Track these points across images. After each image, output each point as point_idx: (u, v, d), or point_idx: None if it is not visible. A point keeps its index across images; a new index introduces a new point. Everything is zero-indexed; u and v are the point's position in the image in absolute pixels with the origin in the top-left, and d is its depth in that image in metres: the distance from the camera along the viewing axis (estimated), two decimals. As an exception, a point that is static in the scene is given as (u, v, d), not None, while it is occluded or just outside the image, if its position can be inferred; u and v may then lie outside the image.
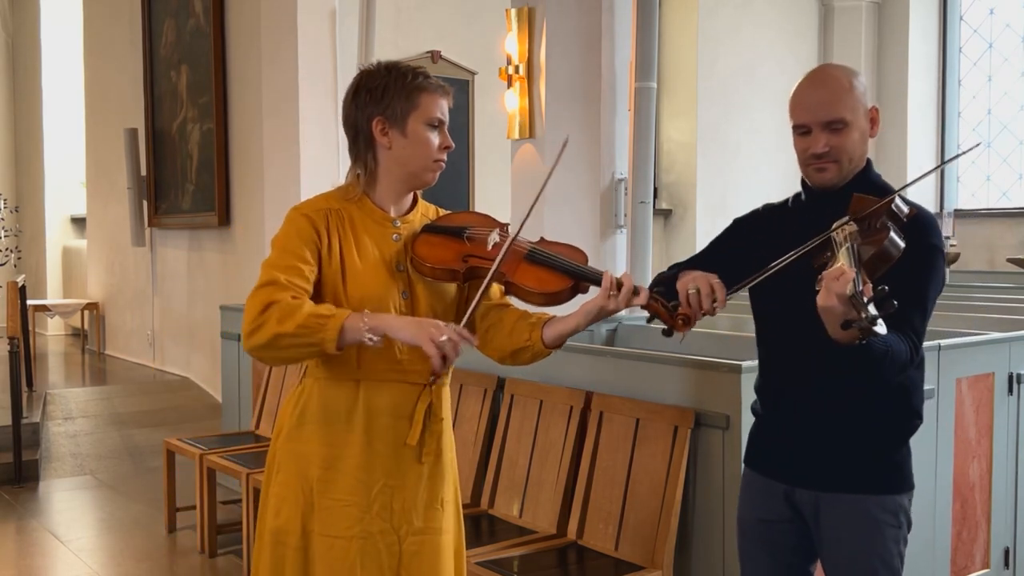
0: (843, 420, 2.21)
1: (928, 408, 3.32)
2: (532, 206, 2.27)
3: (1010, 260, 8.61)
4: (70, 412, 7.27)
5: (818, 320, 2.10)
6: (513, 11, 4.83)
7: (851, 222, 2.00)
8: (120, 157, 8.98)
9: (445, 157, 2.21)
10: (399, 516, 2.20)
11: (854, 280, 1.81)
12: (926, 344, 3.31)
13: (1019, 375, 3.70)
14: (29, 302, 9.26)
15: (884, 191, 2.16)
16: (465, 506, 3.73)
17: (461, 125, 8.72)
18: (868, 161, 2.29)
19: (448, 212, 2.34)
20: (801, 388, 2.26)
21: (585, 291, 2.19)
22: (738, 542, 2.46)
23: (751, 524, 2.40)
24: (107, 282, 10.22)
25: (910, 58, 10.69)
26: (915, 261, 2.07)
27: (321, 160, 6.82)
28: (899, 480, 2.25)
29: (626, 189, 4.71)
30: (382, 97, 2.16)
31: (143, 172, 8.84)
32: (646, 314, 2.25)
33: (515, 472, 3.66)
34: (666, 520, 3.09)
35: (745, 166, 10.11)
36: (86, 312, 10.44)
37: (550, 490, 3.50)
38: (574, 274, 2.16)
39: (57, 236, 12.19)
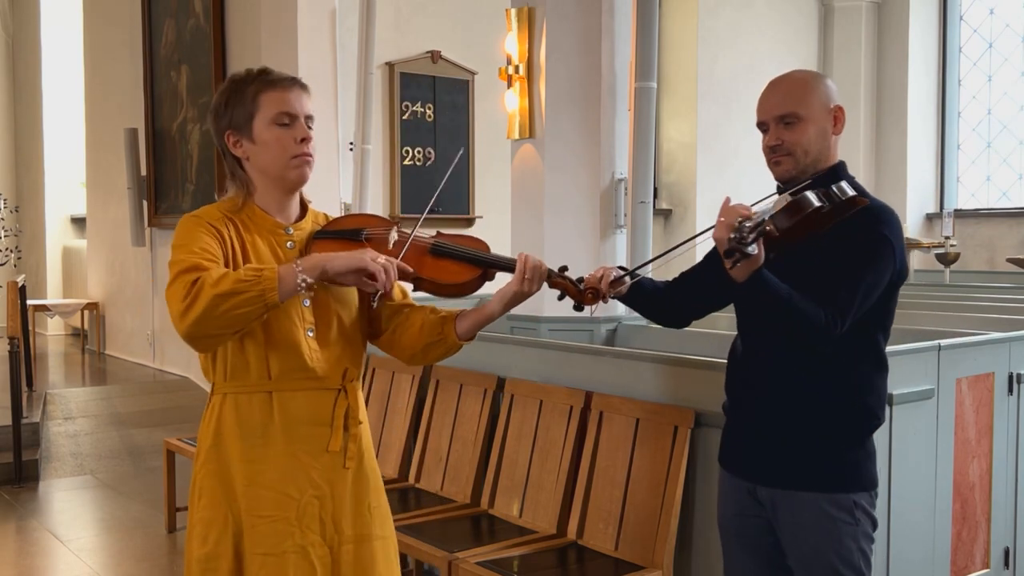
0: (797, 418, 2.26)
1: (928, 408, 3.32)
2: (431, 204, 2.36)
3: (1010, 260, 8.61)
4: (70, 412, 7.27)
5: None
6: (513, 11, 4.83)
7: (785, 195, 2.08)
8: (120, 157, 8.99)
9: (307, 149, 2.13)
10: (329, 526, 2.14)
11: (745, 216, 1.96)
12: (926, 344, 3.34)
13: (1019, 375, 3.70)
14: (29, 302, 9.26)
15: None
16: (464, 506, 3.74)
17: (461, 125, 8.74)
18: (841, 163, 2.34)
19: (336, 217, 2.30)
20: (758, 385, 2.31)
21: (492, 278, 2.20)
22: (721, 542, 2.49)
23: (728, 520, 2.44)
24: (107, 282, 10.22)
25: (910, 58, 10.69)
26: (859, 245, 2.16)
27: (320, 160, 6.78)
28: (853, 478, 2.27)
29: (626, 189, 4.70)
30: (225, 110, 2.13)
31: (143, 172, 8.84)
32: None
33: (515, 472, 3.66)
34: (666, 520, 3.09)
35: (745, 166, 10.10)
36: (86, 312, 10.44)
37: (550, 490, 3.50)
38: (481, 262, 2.17)
39: (57, 236, 12.20)
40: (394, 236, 2.17)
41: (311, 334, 2.11)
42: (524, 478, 3.62)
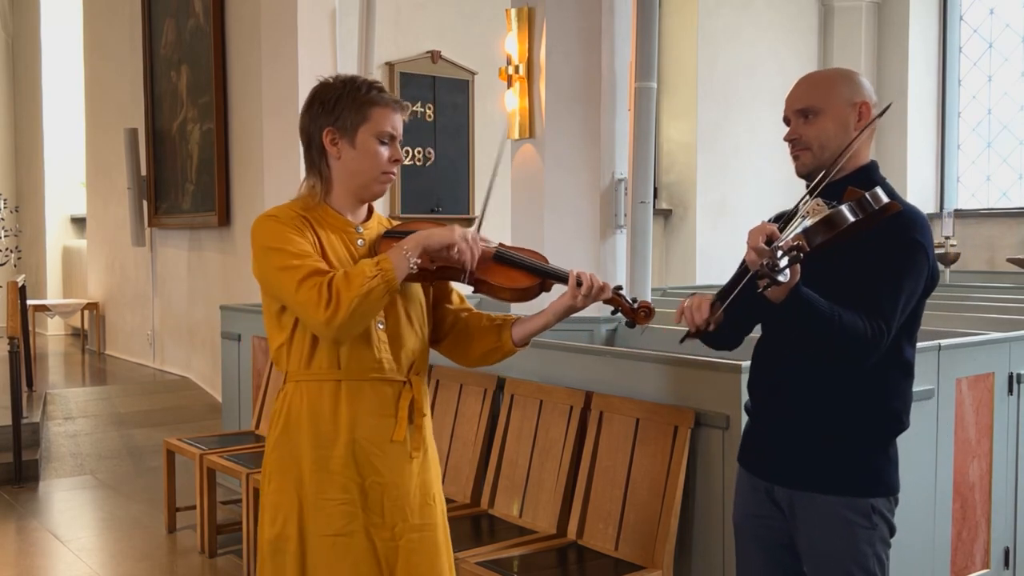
0: (818, 420, 2.23)
1: (928, 408, 3.32)
2: (486, 202, 2.44)
3: (1010, 260, 8.61)
4: (70, 412, 7.27)
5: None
6: (513, 11, 4.83)
7: (815, 199, 2.03)
8: (120, 157, 8.99)
9: (395, 170, 2.26)
10: (392, 513, 2.22)
11: (772, 234, 1.89)
12: (926, 345, 3.34)
13: (1019, 375, 3.70)
14: (29, 302, 9.26)
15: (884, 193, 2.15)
16: (465, 506, 3.74)
17: (461, 125, 8.74)
18: (873, 163, 2.31)
19: (404, 220, 2.42)
20: (780, 385, 2.29)
21: (549, 289, 2.31)
22: (735, 540, 2.47)
23: (743, 520, 2.42)
24: (107, 282, 10.22)
25: (910, 58, 10.68)
26: (893, 252, 2.12)
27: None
28: (872, 483, 2.24)
29: (626, 189, 4.70)
30: (333, 108, 2.20)
31: (143, 172, 8.85)
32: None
33: (515, 472, 3.66)
34: (666, 520, 3.09)
35: (745, 166, 10.11)
36: (86, 312, 10.44)
37: (550, 490, 3.50)
38: (540, 272, 2.29)
39: (57, 236, 12.20)
40: None
41: (381, 327, 2.22)
42: (524, 478, 3.62)
